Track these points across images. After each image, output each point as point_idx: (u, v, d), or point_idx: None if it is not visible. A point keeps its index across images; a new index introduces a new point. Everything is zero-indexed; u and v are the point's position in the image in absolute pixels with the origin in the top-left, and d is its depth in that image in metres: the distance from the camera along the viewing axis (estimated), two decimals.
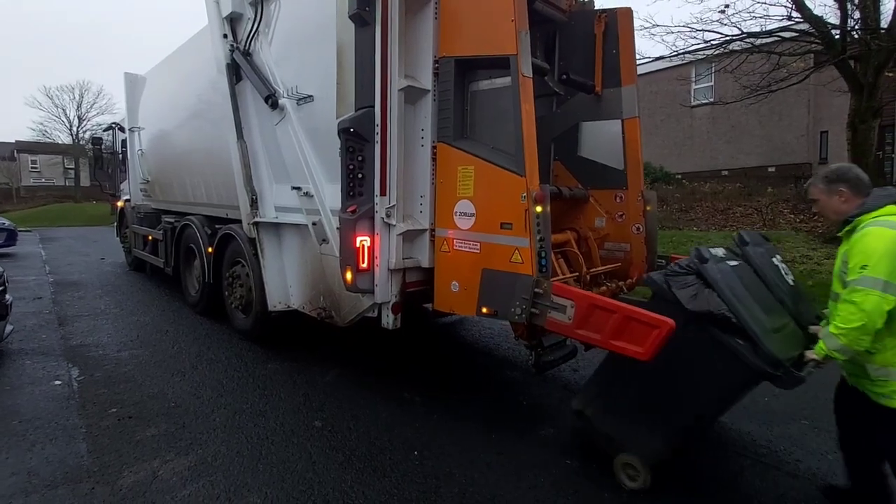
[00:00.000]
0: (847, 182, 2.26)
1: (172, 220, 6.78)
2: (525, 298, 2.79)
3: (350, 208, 3.33)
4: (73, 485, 2.68)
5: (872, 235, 2.06)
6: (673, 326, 2.23)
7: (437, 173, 3.34)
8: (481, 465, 2.94)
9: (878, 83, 8.72)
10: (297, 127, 4.16)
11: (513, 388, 4.16)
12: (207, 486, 2.68)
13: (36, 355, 4.68)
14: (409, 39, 3.30)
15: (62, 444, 3.09)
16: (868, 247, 2.05)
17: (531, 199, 2.83)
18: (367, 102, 3.29)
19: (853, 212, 2.22)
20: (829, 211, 2.35)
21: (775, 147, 16.63)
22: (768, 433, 3.38)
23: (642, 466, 2.61)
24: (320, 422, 3.44)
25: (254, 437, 3.21)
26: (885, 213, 2.13)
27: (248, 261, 4.85)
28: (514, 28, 2.87)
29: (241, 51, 4.62)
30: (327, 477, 2.78)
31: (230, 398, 3.80)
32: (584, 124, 4.30)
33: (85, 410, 3.56)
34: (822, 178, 2.34)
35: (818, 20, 9.02)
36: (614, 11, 4.01)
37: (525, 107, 2.90)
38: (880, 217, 2.12)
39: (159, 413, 3.53)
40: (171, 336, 5.34)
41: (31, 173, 41.11)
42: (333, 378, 4.22)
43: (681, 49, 10.23)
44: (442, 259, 3.33)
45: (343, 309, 3.83)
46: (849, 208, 2.24)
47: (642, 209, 3.98)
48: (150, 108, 7.72)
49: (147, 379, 4.15)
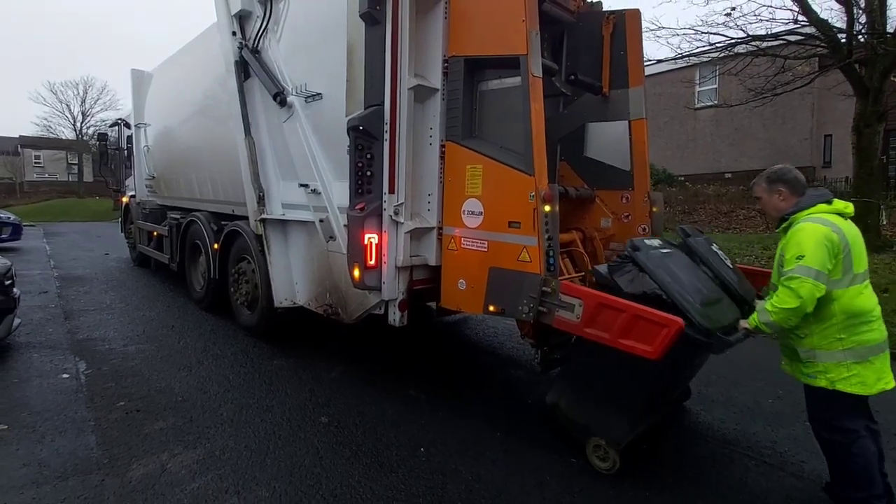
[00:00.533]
0: (786, 183, 2.53)
1: (178, 216, 6.80)
2: (533, 297, 2.81)
3: (358, 206, 3.35)
4: (83, 476, 2.70)
5: (806, 231, 2.33)
6: (682, 325, 2.25)
7: (446, 172, 3.36)
8: (487, 462, 2.96)
9: (883, 87, 8.70)
10: (305, 124, 4.18)
11: (517, 387, 4.18)
12: (216, 479, 2.70)
13: (43, 349, 4.70)
14: (419, 38, 3.32)
15: (71, 437, 3.12)
16: (802, 240, 2.31)
17: (539, 199, 2.85)
18: (376, 100, 3.31)
19: (790, 209, 2.49)
20: (769, 208, 2.63)
21: (779, 150, 16.63)
22: (773, 434, 3.39)
23: (610, 448, 2.78)
24: (327, 417, 3.46)
25: (261, 431, 3.24)
26: (817, 211, 2.41)
27: (255, 257, 4.88)
28: (524, 28, 2.89)
29: (249, 48, 4.64)
30: (335, 472, 2.80)
31: (236, 393, 3.82)
32: (590, 125, 4.32)
33: (93, 403, 3.59)
34: (765, 179, 2.62)
35: (824, 24, 9.01)
36: (622, 13, 4.02)
37: (534, 106, 2.92)
38: (813, 214, 2.40)
39: (167, 407, 3.56)
40: (177, 331, 5.37)
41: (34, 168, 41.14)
42: (339, 374, 4.24)
43: (686, 51, 10.24)
44: (449, 257, 3.35)
45: (350, 306, 3.85)
46: (786, 206, 2.52)
47: (649, 210, 3.99)
48: (156, 105, 7.74)
49: (154, 373, 4.17)
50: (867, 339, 2.36)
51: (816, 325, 2.39)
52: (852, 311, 2.35)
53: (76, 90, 38.48)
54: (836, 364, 2.37)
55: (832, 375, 2.38)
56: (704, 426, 3.50)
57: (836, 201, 2.46)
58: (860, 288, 2.39)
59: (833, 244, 2.30)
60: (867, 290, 2.43)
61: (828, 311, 2.36)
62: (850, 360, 2.35)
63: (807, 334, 2.43)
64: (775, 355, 4.87)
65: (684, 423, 3.52)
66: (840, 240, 2.33)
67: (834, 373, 2.37)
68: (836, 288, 2.34)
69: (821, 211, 2.41)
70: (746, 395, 4.01)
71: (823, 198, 2.46)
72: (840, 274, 2.34)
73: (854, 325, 2.35)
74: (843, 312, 2.35)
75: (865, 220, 8.96)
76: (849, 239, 2.36)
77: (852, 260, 2.36)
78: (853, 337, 2.35)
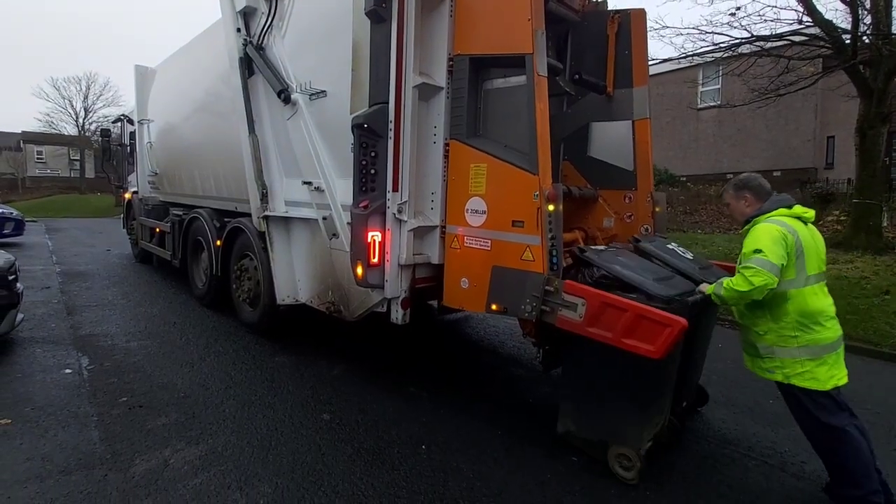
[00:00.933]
0: (751, 189, 2.74)
1: (180, 212, 6.82)
2: (536, 296, 2.81)
3: (362, 203, 3.35)
4: (86, 471, 2.71)
5: (762, 229, 2.53)
6: (685, 325, 2.25)
7: (450, 170, 3.36)
8: (489, 460, 2.97)
9: (888, 89, 8.70)
10: (309, 122, 4.18)
11: (519, 386, 4.18)
12: (218, 475, 2.71)
13: (46, 344, 4.72)
14: (424, 36, 3.31)
15: (75, 432, 3.13)
16: (759, 237, 2.49)
17: (543, 198, 2.84)
18: (381, 98, 3.31)
19: (753, 213, 2.68)
20: (736, 213, 2.84)
21: (781, 151, 16.60)
22: (773, 434, 3.40)
23: (634, 454, 2.74)
24: (328, 415, 3.47)
25: (263, 428, 3.25)
26: (776, 214, 2.59)
27: (257, 254, 4.88)
28: (530, 27, 2.89)
29: (254, 45, 4.64)
30: (336, 469, 2.81)
31: (239, 390, 3.83)
32: (594, 125, 4.31)
33: (96, 399, 3.60)
34: (732, 186, 2.83)
35: (829, 24, 8.99)
36: (627, 12, 4.01)
37: (539, 105, 2.91)
38: (772, 217, 2.59)
39: (169, 403, 3.57)
40: (179, 327, 5.38)
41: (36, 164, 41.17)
42: (341, 372, 4.25)
43: (689, 51, 10.22)
44: (452, 256, 3.35)
45: (352, 303, 3.86)
46: (751, 211, 2.72)
47: (651, 210, 3.99)
48: (160, 101, 7.75)
49: (156, 369, 4.19)
50: (820, 338, 2.50)
51: (773, 322, 2.56)
52: (806, 311, 2.50)
53: (79, 86, 38.61)
54: (791, 360, 2.52)
55: (787, 371, 2.54)
56: (705, 426, 3.50)
57: (796, 207, 2.64)
58: (814, 289, 2.54)
59: (788, 243, 2.47)
60: (822, 292, 2.58)
61: (783, 310, 2.52)
62: (804, 356, 2.50)
63: (765, 331, 2.59)
64: None
65: (685, 423, 3.52)
66: (794, 241, 2.49)
67: (789, 368, 2.53)
68: (790, 288, 2.50)
69: (780, 214, 2.59)
70: (747, 395, 4.01)
71: (784, 203, 2.65)
72: (794, 274, 2.49)
73: (807, 324, 2.50)
74: (797, 312, 2.50)
75: (867, 222, 8.97)
76: (803, 241, 2.52)
77: (805, 261, 2.51)
78: (806, 335, 2.50)
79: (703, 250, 8.89)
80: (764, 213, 2.63)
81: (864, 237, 8.84)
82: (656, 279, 2.78)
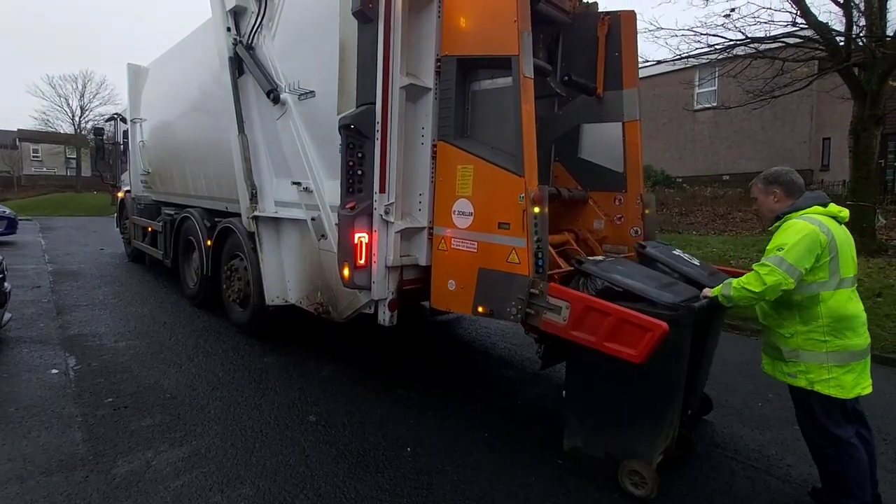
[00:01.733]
0: (781, 184, 2.54)
1: (172, 212, 6.79)
2: (521, 298, 2.80)
3: (349, 205, 3.34)
4: (67, 472, 2.70)
5: (794, 227, 2.36)
6: (666, 329, 2.25)
7: (437, 172, 3.35)
8: (474, 462, 2.96)
9: (881, 91, 8.70)
10: (298, 122, 4.16)
11: (508, 388, 4.17)
12: (200, 477, 2.70)
13: (33, 344, 4.69)
14: (411, 37, 3.30)
15: (58, 432, 3.11)
16: (788, 234, 2.35)
17: (529, 200, 2.84)
18: (368, 99, 3.29)
19: (784, 210, 2.50)
20: (764, 208, 2.64)
21: (777, 153, 16.63)
22: (761, 438, 3.40)
23: (646, 470, 2.62)
24: (315, 416, 3.45)
25: (248, 429, 3.23)
26: (811, 212, 2.42)
27: (247, 255, 4.87)
28: (516, 29, 2.88)
29: (244, 44, 4.62)
30: (320, 471, 2.80)
31: (225, 391, 3.82)
32: (585, 126, 4.30)
33: (81, 399, 3.58)
34: (762, 179, 2.63)
35: (823, 26, 9.00)
36: (617, 14, 4.00)
37: (525, 107, 2.90)
38: (806, 214, 2.42)
39: (155, 404, 3.55)
40: (169, 328, 5.36)
41: (32, 162, 41.01)
42: (329, 373, 4.24)
43: (685, 53, 10.23)
44: (439, 257, 3.34)
45: (340, 305, 3.85)
46: (780, 207, 2.53)
47: (641, 212, 3.98)
48: (152, 100, 7.72)
49: (143, 370, 4.17)
50: (851, 344, 2.37)
51: (802, 325, 2.41)
52: (840, 315, 2.36)
53: (75, 84, 38.35)
54: (818, 365, 2.38)
55: (812, 376, 2.40)
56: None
57: (831, 205, 2.46)
58: (848, 293, 2.40)
59: (818, 244, 2.31)
60: (855, 296, 2.44)
61: (814, 312, 2.38)
62: (832, 362, 2.36)
63: (792, 334, 2.44)
64: None
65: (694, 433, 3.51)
66: (828, 241, 2.33)
67: (814, 373, 2.39)
68: (823, 290, 2.35)
69: (814, 212, 2.42)
70: (736, 397, 4.01)
71: (819, 200, 2.47)
72: (827, 276, 2.35)
73: (840, 328, 2.36)
74: (830, 315, 2.36)
75: (861, 224, 8.97)
76: (838, 242, 2.36)
77: (839, 263, 2.36)
78: (837, 340, 2.36)
79: (696, 251, 8.89)
80: (797, 209, 2.45)
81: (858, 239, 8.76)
82: (659, 286, 2.69)
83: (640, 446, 2.69)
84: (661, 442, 2.74)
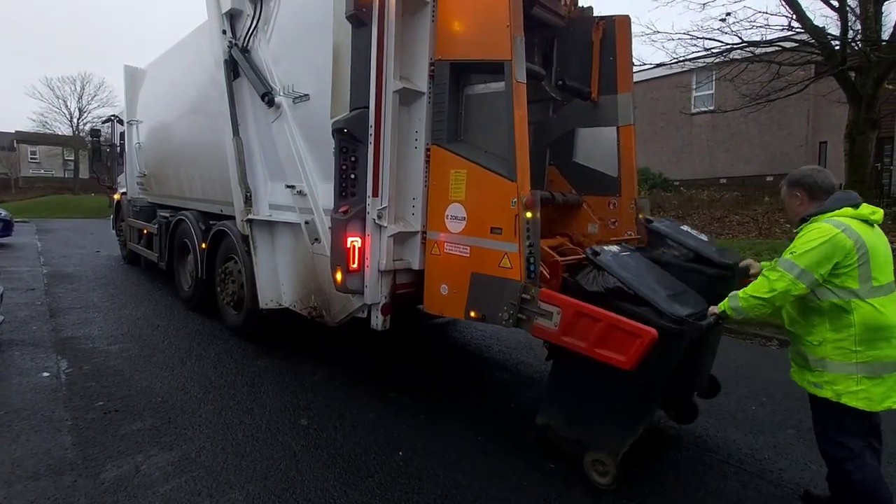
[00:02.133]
0: (803, 186, 2.40)
1: (168, 214, 6.78)
2: (513, 304, 2.80)
3: (342, 208, 3.34)
4: (56, 476, 2.68)
5: (814, 229, 2.22)
6: (655, 336, 2.24)
7: (430, 176, 3.35)
8: (466, 466, 2.95)
9: (877, 95, 8.77)
10: (292, 125, 4.16)
11: (502, 391, 4.17)
12: (190, 481, 2.69)
13: (26, 346, 4.67)
14: (405, 41, 3.30)
15: (47, 436, 3.10)
16: (805, 237, 2.22)
17: (521, 205, 2.83)
18: (361, 103, 3.30)
19: (810, 212, 2.34)
20: (790, 212, 2.53)
21: (774, 156, 16.68)
22: (753, 442, 3.39)
23: (610, 460, 2.70)
24: (307, 420, 3.44)
25: (239, 433, 3.22)
26: (838, 214, 2.25)
27: (241, 257, 4.86)
28: (509, 34, 2.88)
29: (239, 47, 4.62)
30: (310, 475, 2.78)
31: (217, 394, 3.80)
32: (580, 130, 4.31)
33: (72, 403, 3.56)
34: (786, 181, 2.51)
35: (818, 31, 9.06)
36: (612, 19, 4.02)
37: (518, 112, 2.91)
38: (834, 217, 2.24)
39: (146, 407, 3.54)
40: (162, 331, 5.34)
41: (30, 164, 40.94)
42: (323, 376, 4.23)
43: (681, 56, 10.28)
44: (432, 261, 3.34)
45: (333, 308, 3.84)
46: (804, 210, 2.39)
47: (635, 216, 3.99)
48: (148, 102, 7.72)
49: (135, 373, 4.15)
50: (884, 354, 2.19)
51: (833, 333, 2.24)
52: (874, 325, 2.17)
53: (73, 86, 38.29)
54: (845, 376, 2.22)
55: (839, 388, 2.23)
56: (685, 432, 3.49)
57: (863, 206, 2.28)
58: (883, 301, 2.20)
59: (840, 249, 2.15)
60: (891, 304, 2.22)
61: (846, 321, 2.20)
62: (861, 374, 2.19)
63: (820, 342, 2.27)
64: (761, 362, 4.91)
65: (665, 430, 3.51)
66: (855, 245, 2.16)
67: (842, 385, 2.23)
68: (852, 298, 2.18)
69: (843, 214, 2.24)
70: (730, 401, 4.00)
71: (849, 201, 2.29)
72: (857, 283, 2.17)
73: (874, 339, 2.18)
74: (863, 324, 2.18)
75: None
76: (868, 246, 2.18)
77: (871, 269, 2.18)
78: (870, 351, 2.18)
79: None
80: (825, 211, 2.27)
81: None
82: (669, 295, 2.65)
83: (612, 441, 2.74)
84: (631, 438, 2.81)
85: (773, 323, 6.06)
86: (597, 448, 2.78)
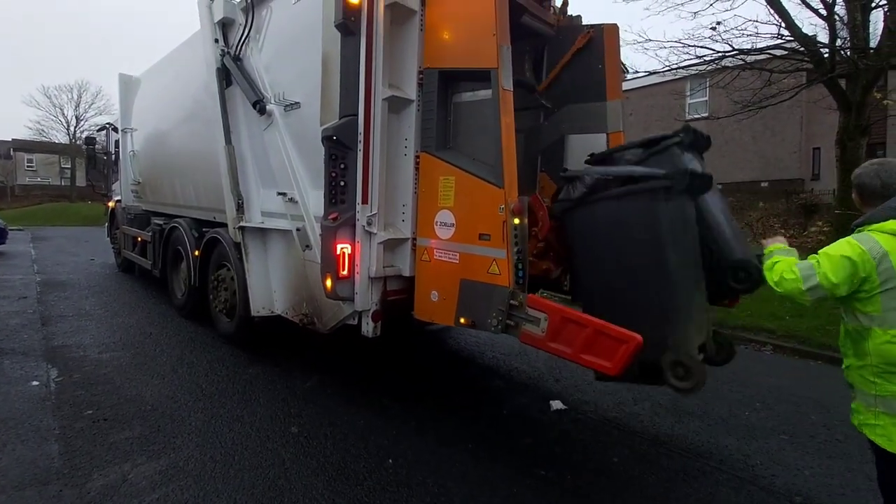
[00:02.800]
0: (856, 188, 2.13)
1: (161, 221, 6.78)
2: (501, 310, 2.80)
3: (332, 215, 3.34)
4: (41, 486, 2.66)
5: (846, 243, 1.93)
6: (640, 342, 2.25)
7: (420, 183, 3.36)
8: (456, 474, 2.93)
9: (865, 102, 8.84)
10: (283, 133, 4.18)
11: (494, 398, 4.16)
12: (177, 490, 2.66)
13: (16, 355, 4.65)
14: (394, 50, 3.33)
15: (34, 445, 3.07)
16: (833, 248, 1.95)
17: (509, 211, 2.84)
18: (351, 111, 3.31)
19: (860, 220, 2.04)
20: None
21: (768, 162, 16.79)
22: (747, 447, 3.39)
23: (689, 359, 2.41)
24: (297, 428, 3.43)
25: (228, 442, 3.20)
26: (878, 228, 1.93)
27: (234, 265, 4.85)
28: (495, 42, 2.91)
29: (231, 56, 4.65)
30: (298, 484, 2.77)
31: (208, 402, 3.78)
32: (570, 137, 4.33)
33: (60, 412, 3.54)
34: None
35: (808, 39, 9.15)
36: (600, 27, 4.06)
37: (505, 119, 2.92)
38: (871, 231, 1.94)
39: (135, 416, 3.51)
40: (154, 339, 5.32)
41: (26, 172, 40.96)
42: (314, 384, 4.21)
43: (674, 64, 10.35)
44: (422, 268, 3.34)
45: (325, 316, 3.83)
46: (862, 215, 2.07)
47: None
48: (142, 110, 7.73)
49: (126, 381, 4.13)
50: None
51: (856, 359, 2.03)
52: (889, 359, 1.90)
53: (70, 94, 38.49)
54: (866, 408, 2.01)
55: (862, 417, 2.04)
56: (678, 438, 3.49)
57: None
58: None
59: (860, 269, 1.87)
60: None
61: (863, 349, 1.98)
62: (879, 408, 1.96)
63: (848, 366, 2.08)
64: (755, 367, 4.91)
65: (658, 436, 3.51)
66: (876, 267, 1.86)
67: (864, 415, 2.03)
68: (872, 325, 1.92)
69: (885, 228, 1.91)
70: (723, 406, 4.01)
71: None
72: (880, 309, 1.89)
73: (891, 373, 1.91)
74: (879, 355, 1.92)
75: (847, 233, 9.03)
76: None
77: None
78: (889, 385, 1.92)
79: None
80: (869, 222, 1.97)
81: None
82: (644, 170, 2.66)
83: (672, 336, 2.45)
84: (695, 331, 2.52)
85: (766, 328, 6.09)
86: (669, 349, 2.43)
